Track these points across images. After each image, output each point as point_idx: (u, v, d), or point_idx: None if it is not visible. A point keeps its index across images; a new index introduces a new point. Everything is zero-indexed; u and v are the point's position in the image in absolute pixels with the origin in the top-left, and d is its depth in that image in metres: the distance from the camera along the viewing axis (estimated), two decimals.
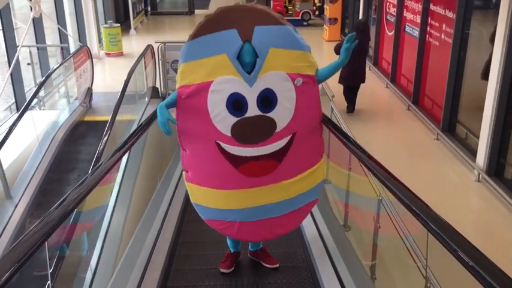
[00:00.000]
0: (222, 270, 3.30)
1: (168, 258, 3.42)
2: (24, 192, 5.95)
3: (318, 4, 16.15)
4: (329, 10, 14.08)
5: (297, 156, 2.81)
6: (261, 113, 2.67)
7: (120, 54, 12.84)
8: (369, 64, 11.41)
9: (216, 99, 2.65)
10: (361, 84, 8.44)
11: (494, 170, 5.96)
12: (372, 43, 11.52)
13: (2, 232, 5.31)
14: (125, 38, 13.83)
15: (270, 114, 2.68)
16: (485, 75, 6.12)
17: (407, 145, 7.44)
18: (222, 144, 2.71)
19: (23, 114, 6.23)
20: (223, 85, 2.64)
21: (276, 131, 2.71)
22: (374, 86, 10.15)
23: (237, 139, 2.69)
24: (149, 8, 19.03)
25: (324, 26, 14.58)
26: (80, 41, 11.54)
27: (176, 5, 20.85)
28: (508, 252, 4.65)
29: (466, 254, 1.63)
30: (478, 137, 6.22)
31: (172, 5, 21.16)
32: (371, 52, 11.65)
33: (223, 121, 2.67)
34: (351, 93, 8.39)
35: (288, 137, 2.74)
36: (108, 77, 11.76)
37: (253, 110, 2.66)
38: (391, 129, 8.10)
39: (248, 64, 2.62)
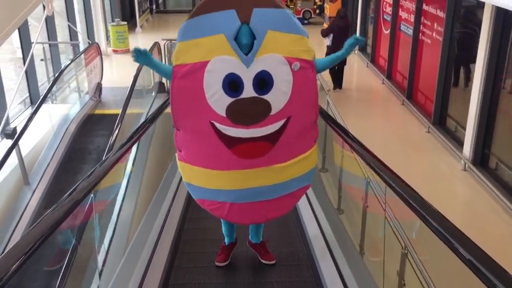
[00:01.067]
0: (217, 263, 3.30)
1: (170, 255, 3.41)
2: (41, 179, 6.39)
3: (318, 3, 16.57)
4: (329, 9, 14.51)
5: (291, 141, 2.81)
6: (257, 95, 2.67)
7: (127, 51, 13.25)
8: (366, 61, 11.84)
9: (212, 78, 2.64)
10: (359, 80, 8.97)
11: (480, 160, 6.39)
12: (369, 41, 11.97)
13: (21, 216, 5.75)
14: (131, 36, 14.26)
15: (265, 97, 2.68)
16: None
17: (401, 138, 7.86)
18: (216, 124, 2.70)
19: (39, 107, 6.66)
20: (220, 65, 2.63)
21: (271, 113, 2.71)
22: (371, 82, 10.57)
23: (232, 120, 2.68)
24: (154, 7, 19.46)
25: (324, 24, 14.97)
26: (88, 38, 11.99)
27: (180, 3, 21.25)
28: (490, 237, 5.07)
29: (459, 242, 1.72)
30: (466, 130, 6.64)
31: (176, 4, 21.55)
32: (369, 50, 12.08)
33: (219, 101, 2.66)
34: (335, 73, 9.54)
35: (283, 121, 2.75)
36: (115, 73, 12.20)
37: (249, 92, 2.65)
38: (385, 122, 8.52)
39: (245, 45, 2.62)
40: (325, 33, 9.49)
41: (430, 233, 1.91)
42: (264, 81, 2.66)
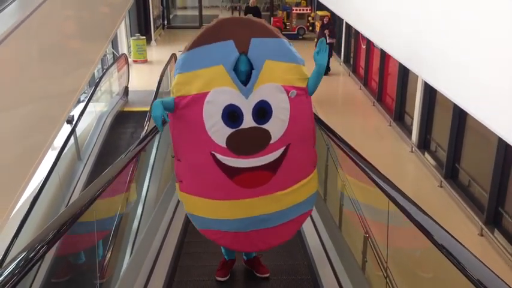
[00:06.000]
0: (218, 278, 3.27)
1: (170, 270, 3.41)
2: (88, 156, 8.39)
3: (311, 21, 18.66)
4: (319, 27, 16.59)
5: (291, 167, 2.80)
6: (256, 125, 2.66)
7: (145, 61, 15.32)
8: (348, 71, 13.89)
9: (212, 110, 2.62)
10: (341, 87, 10.94)
11: (423, 144, 8.37)
12: (352, 54, 14.02)
13: (77, 182, 7.71)
14: (147, 48, 16.35)
15: (265, 126, 2.67)
16: None
17: (367, 131, 9.89)
18: (217, 155, 2.69)
19: (87, 105, 8.65)
20: (219, 96, 2.61)
21: (271, 142, 2.71)
22: (350, 88, 12.62)
23: (232, 150, 2.67)
24: (166, 22, 21.62)
25: (316, 39, 17.08)
26: (112, 49, 14.07)
27: (187, 20, 23.37)
28: (424, 196, 6.98)
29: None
30: None
31: (184, 20, 23.70)
32: (351, 61, 14.12)
33: (219, 132, 2.65)
34: None
35: (282, 148, 2.75)
36: (135, 79, 14.22)
37: (248, 122, 2.65)
38: (356, 120, 10.55)
39: (243, 72, 2.62)
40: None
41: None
42: (263, 111, 2.67)
